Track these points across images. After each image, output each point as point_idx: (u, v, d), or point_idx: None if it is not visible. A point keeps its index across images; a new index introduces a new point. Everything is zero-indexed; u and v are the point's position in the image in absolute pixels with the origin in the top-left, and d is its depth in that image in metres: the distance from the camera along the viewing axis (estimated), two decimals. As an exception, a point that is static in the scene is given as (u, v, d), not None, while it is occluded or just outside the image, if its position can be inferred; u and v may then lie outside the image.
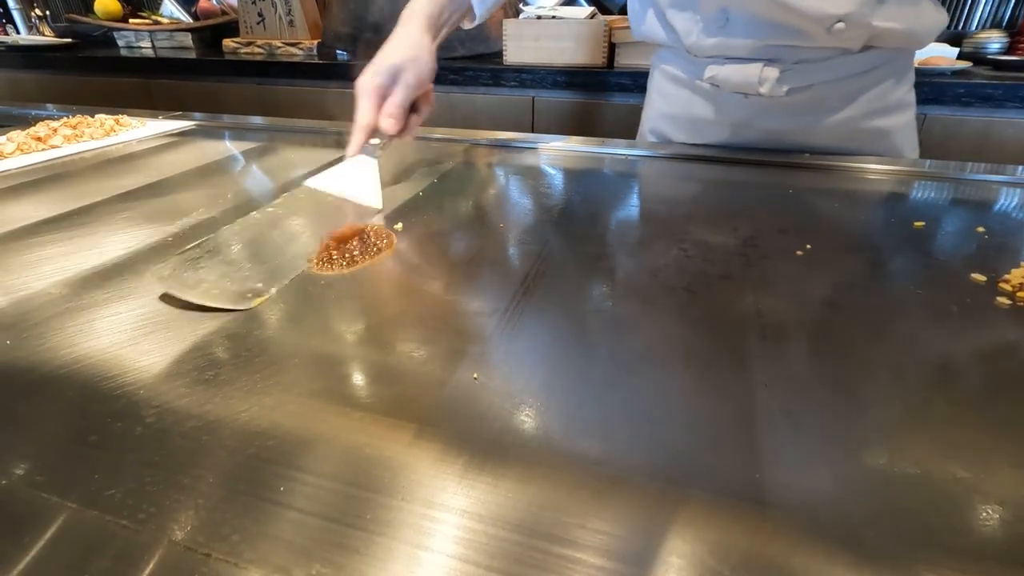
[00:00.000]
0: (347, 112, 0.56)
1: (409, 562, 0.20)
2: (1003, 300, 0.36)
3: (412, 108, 0.57)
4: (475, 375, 0.30)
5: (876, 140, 0.66)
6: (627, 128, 1.27)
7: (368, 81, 0.54)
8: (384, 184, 0.54)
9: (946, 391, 0.29)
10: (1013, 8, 1.35)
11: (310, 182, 0.50)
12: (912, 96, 0.67)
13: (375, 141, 0.54)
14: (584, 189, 0.60)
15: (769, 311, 0.36)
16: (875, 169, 0.63)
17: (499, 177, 0.65)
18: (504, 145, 0.75)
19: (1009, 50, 1.29)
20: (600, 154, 0.72)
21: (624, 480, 0.23)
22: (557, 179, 0.64)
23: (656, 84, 0.76)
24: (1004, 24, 1.36)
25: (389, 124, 0.53)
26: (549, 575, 0.20)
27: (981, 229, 0.47)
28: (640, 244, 0.47)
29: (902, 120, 0.67)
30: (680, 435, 0.26)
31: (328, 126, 0.85)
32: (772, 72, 0.61)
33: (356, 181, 0.50)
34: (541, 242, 0.46)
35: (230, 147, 0.76)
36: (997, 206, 0.54)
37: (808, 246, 0.44)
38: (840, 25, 0.55)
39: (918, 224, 0.48)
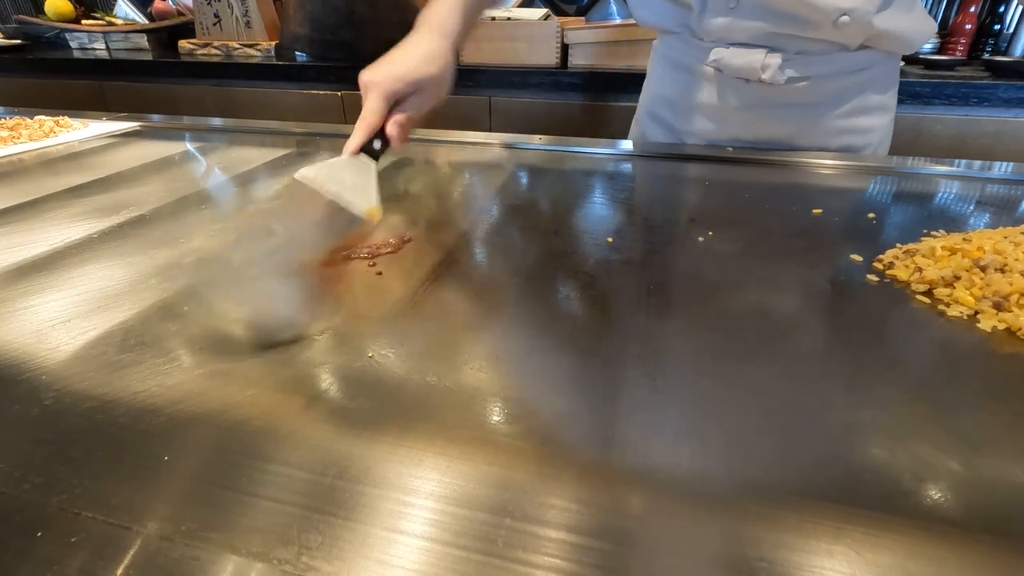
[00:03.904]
0: (306, 114, 0.55)
1: (383, 546, 0.21)
2: (872, 278, 0.40)
3: None
4: (374, 353, 0.32)
5: (857, 138, 0.70)
6: (581, 126, 1.30)
7: (387, 82, 0.49)
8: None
9: (810, 358, 0.32)
10: (944, 10, 1.41)
11: (303, 175, 0.45)
12: (894, 100, 0.71)
13: (376, 144, 0.49)
14: (516, 184, 0.62)
15: (659, 291, 0.38)
16: (793, 162, 0.66)
17: (427, 173, 0.67)
18: (436, 142, 0.77)
19: (940, 50, 1.36)
20: (549, 151, 0.75)
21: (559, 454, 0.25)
22: (487, 175, 0.66)
23: (656, 70, 0.79)
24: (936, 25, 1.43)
25: (396, 131, 0.49)
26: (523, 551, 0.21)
27: (871, 215, 0.51)
28: (555, 233, 0.49)
29: (883, 120, 0.71)
30: (572, 408, 0.28)
31: (285, 126, 0.86)
32: (774, 59, 0.64)
33: (356, 183, 0.46)
34: (457, 233, 0.48)
35: (179, 145, 0.76)
36: (892, 194, 0.58)
37: (710, 233, 0.47)
38: (845, 19, 0.58)
39: (816, 211, 0.51)
